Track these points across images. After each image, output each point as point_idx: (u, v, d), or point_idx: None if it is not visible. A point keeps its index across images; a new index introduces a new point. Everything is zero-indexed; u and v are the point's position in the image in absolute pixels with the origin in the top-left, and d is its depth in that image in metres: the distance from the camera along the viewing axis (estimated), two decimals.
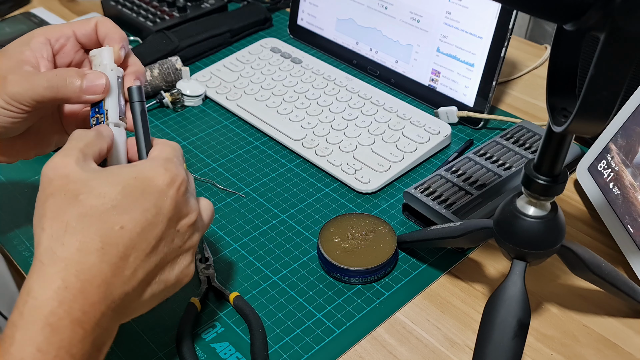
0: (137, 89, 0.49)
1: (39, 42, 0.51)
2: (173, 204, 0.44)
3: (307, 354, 0.54)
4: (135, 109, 0.49)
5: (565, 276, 0.60)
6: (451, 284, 0.60)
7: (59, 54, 0.53)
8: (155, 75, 0.84)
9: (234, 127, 0.81)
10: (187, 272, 0.47)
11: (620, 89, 0.36)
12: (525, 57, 0.94)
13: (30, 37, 0.51)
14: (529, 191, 0.46)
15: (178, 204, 0.44)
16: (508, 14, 0.73)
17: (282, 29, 1.02)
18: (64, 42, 0.52)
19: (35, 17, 1.00)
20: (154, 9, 1.00)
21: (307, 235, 0.65)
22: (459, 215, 0.61)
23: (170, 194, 0.43)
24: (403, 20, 0.83)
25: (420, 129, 0.76)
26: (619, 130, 0.63)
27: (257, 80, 0.86)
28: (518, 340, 0.46)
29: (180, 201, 0.44)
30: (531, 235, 0.47)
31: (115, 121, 0.48)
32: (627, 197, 0.60)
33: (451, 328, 0.56)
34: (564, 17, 0.37)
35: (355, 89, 0.83)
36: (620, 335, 0.55)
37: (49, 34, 0.52)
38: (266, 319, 0.57)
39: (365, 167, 0.71)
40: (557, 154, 0.44)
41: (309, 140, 0.76)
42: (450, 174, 0.67)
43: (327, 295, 0.59)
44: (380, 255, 0.59)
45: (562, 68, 0.43)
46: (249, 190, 0.71)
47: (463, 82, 0.79)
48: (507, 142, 0.71)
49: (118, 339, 0.55)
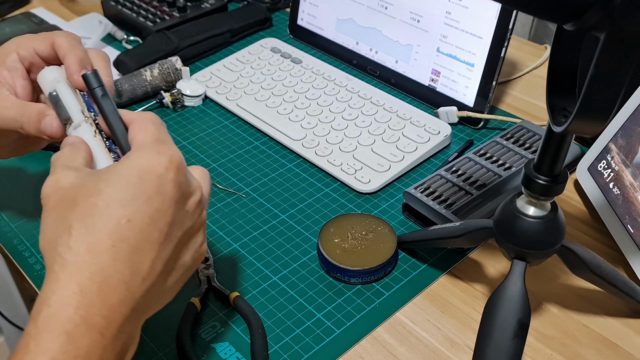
0: (92, 75, 0.47)
1: (13, 61, 0.52)
2: (176, 186, 0.41)
3: (307, 354, 0.54)
4: (96, 95, 0.47)
5: (565, 276, 0.60)
6: (451, 284, 0.60)
7: (31, 70, 0.53)
8: (155, 75, 0.84)
9: (234, 127, 0.81)
10: (201, 250, 0.45)
11: (620, 89, 0.36)
12: (525, 57, 0.94)
13: (5, 55, 0.52)
14: (529, 191, 0.46)
15: (181, 185, 0.42)
16: (508, 14, 0.73)
17: (282, 29, 1.02)
18: (31, 60, 0.53)
19: (35, 17, 1.00)
20: (154, 9, 1.00)
21: (307, 235, 0.65)
22: (459, 215, 0.61)
23: (170, 177, 0.41)
24: (403, 20, 0.83)
25: (420, 129, 0.76)
26: (619, 130, 0.63)
27: (257, 80, 0.86)
28: (518, 340, 0.46)
29: (182, 181, 0.42)
30: (531, 235, 0.47)
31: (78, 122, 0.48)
32: (627, 197, 0.60)
33: (451, 328, 0.56)
34: (564, 17, 0.37)
35: (355, 89, 0.83)
36: (620, 335, 0.55)
37: (20, 49, 0.52)
38: (266, 319, 0.57)
39: (365, 167, 0.71)
40: (557, 154, 0.44)
41: (309, 140, 0.76)
42: (450, 174, 0.67)
43: (327, 295, 0.59)
44: (380, 255, 0.59)
45: (562, 68, 0.43)
46: (249, 190, 0.71)
47: (463, 82, 0.79)
48: (507, 142, 0.71)
49: None
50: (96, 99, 0.47)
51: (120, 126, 0.46)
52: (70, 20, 1.03)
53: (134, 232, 0.39)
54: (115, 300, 0.38)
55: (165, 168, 0.41)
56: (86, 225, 0.38)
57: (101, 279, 0.37)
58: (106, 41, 0.99)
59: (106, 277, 0.38)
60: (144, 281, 0.39)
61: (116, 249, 0.38)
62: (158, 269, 0.40)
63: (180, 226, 0.42)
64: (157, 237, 0.40)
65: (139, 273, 0.39)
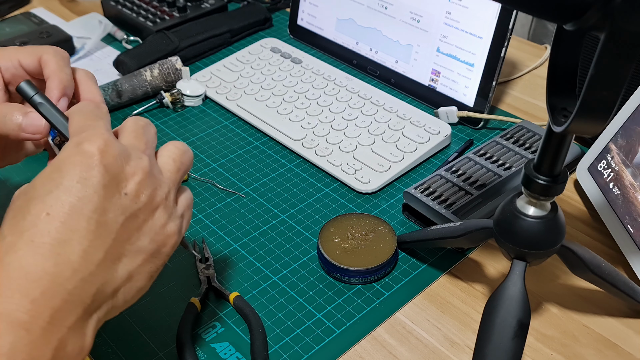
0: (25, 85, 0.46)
1: None
2: (102, 170, 0.39)
3: (307, 354, 0.54)
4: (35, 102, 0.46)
5: (565, 276, 0.60)
6: (451, 284, 0.60)
7: (11, 83, 0.52)
8: (155, 75, 0.84)
9: (234, 127, 0.81)
10: (167, 231, 0.43)
11: (621, 88, 0.36)
12: (525, 57, 0.94)
13: None
14: (529, 191, 0.46)
15: (111, 168, 0.40)
16: (508, 14, 0.73)
17: (282, 29, 1.02)
18: (14, 72, 0.51)
19: (35, 17, 1.00)
20: (154, 9, 1.00)
21: (307, 235, 0.65)
22: (459, 215, 0.61)
23: (93, 163, 0.39)
24: (403, 20, 0.83)
25: (420, 129, 0.76)
26: (619, 130, 0.63)
27: (257, 81, 0.86)
28: (518, 340, 0.46)
29: (113, 163, 0.40)
30: (531, 235, 0.47)
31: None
32: (627, 197, 0.60)
33: (451, 328, 0.56)
34: (564, 17, 0.37)
35: (355, 89, 0.83)
36: (620, 335, 0.55)
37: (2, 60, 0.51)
38: (266, 319, 0.57)
39: (365, 167, 0.71)
40: (557, 154, 0.44)
41: (309, 140, 0.76)
42: (450, 174, 0.67)
43: (327, 295, 0.59)
44: (380, 255, 0.59)
45: (562, 68, 0.43)
46: (249, 190, 0.71)
47: (463, 82, 0.79)
48: (507, 142, 0.71)
49: (118, 338, 0.55)
50: (35, 107, 0.46)
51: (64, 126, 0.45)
52: (70, 20, 1.03)
53: (54, 224, 0.38)
54: (38, 293, 0.36)
55: (88, 155, 0.39)
56: (10, 226, 0.38)
57: (20, 275, 0.36)
58: (106, 41, 0.99)
59: (26, 273, 0.36)
60: (75, 272, 0.38)
61: (35, 244, 0.37)
62: (96, 257, 0.39)
63: (118, 211, 0.40)
64: (85, 225, 0.38)
65: (67, 264, 0.37)
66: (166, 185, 0.43)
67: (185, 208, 0.46)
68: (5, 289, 0.36)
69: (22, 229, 0.38)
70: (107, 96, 0.81)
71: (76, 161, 0.39)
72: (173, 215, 0.44)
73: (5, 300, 0.35)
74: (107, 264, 0.39)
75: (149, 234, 0.42)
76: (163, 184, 0.43)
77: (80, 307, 0.38)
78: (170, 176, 0.44)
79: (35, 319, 0.36)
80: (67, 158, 0.40)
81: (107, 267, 0.39)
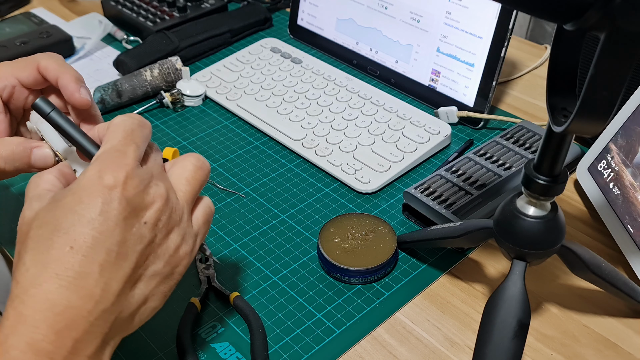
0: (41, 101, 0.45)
1: None
2: (124, 203, 0.39)
3: (307, 354, 0.54)
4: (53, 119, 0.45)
5: (565, 276, 0.60)
6: (451, 284, 0.60)
7: (10, 101, 0.52)
8: (155, 75, 0.84)
9: (234, 127, 0.81)
10: (181, 254, 0.43)
11: (621, 88, 0.36)
12: (525, 57, 0.94)
13: None
14: (529, 191, 0.46)
15: (131, 200, 0.40)
16: (508, 14, 0.73)
17: (282, 29, 1.02)
18: (11, 91, 0.51)
19: (35, 17, 1.00)
20: (154, 9, 1.00)
21: (307, 235, 0.65)
22: (459, 215, 0.61)
23: (115, 196, 0.39)
24: (403, 20, 0.83)
25: (420, 129, 0.76)
26: (619, 130, 0.63)
27: (257, 81, 0.86)
28: (518, 340, 0.46)
29: (133, 195, 0.40)
30: (531, 235, 0.47)
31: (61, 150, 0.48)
32: (627, 197, 0.60)
33: (451, 328, 0.56)
34: (564, 17, 0.37)
35: (355, 89, 0.83)
36: (620, 335, 0.55)
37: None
38: (266, 319, 0.57)
39: (365, 167, 0.71)
40: (557, 154, 0.44)
41: (309, 140, 0.76)
42: (450, 174, 0.67)
43: (327, 295, 0.59)
44: (380, 255, 0.59)
45: (562, 68, 0.43)
46: (249, 190, 0.71)
47: (463, 82, 0.79)
48: (507, 142, 0.71)
49: None
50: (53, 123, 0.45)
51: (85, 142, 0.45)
52: (70, 20, 1.03)
53: (77, 257, 0.38)
54: (62, 325, 0.37)
55: (109, 187, 0.39)
56: (32, 258, 0.39)
57: (46, 307, 0.37)
58: (106, 41, 0.99)
59: (52, 305, 0.37)
60: (97, 304, 0.39)
61: (60, 277, 0.38)
62: (115, 288, 0.39)
63: (137, 240, 0.40)
64: (105, 258, 0.39)
65: (90, 297, 0.38)
66: (181, 207, 0.44)
67: (201, 224, 0.46)
68: (32, 320, 0.37)
69: (45, 261, 0.38)
70: (107, 96, 0.81)
71: (97, 192, 0.39)
72: (187, 236, 0.44)
73: (32, 330, 0.37)
74: (125, 292, 0.40)
75: (163, 258, 0.43)
76: (178, 207, 0.44)
77: (100, 336, 0.39)
78: (183, 197, 0.44)
79: (59, 349, 0.37)
80: (89, 187, 0.40)
81: (125, 294, 0.41)
